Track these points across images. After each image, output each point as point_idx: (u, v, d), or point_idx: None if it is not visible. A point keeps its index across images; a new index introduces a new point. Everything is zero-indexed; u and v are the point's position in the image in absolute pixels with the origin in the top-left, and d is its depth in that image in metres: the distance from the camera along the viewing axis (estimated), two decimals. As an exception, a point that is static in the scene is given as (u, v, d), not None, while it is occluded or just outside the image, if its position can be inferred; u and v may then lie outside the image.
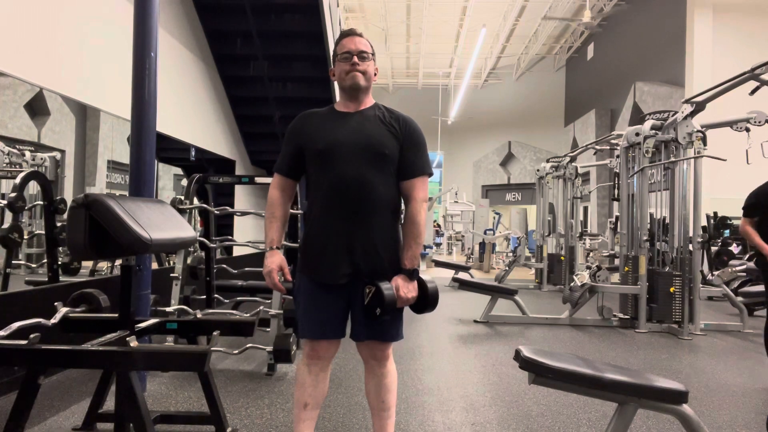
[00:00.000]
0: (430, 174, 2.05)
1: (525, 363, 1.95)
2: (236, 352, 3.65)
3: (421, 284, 1.94)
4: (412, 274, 1.94)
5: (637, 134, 5.98)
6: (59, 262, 4.14)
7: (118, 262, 4.74)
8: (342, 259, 1.93)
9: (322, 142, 1.97)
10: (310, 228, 2.01)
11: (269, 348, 3.61)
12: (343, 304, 1.98)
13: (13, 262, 4.60)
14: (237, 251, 8.10)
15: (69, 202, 2.17)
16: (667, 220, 6.04)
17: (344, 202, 1.93)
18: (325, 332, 1.98)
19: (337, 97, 2.14)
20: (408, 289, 1.90)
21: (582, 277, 6.01)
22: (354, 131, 1.97)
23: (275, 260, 1.98)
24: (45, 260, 4.18)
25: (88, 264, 5.65)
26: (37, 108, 6.75)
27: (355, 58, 1.99)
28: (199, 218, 5.73)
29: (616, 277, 6.94)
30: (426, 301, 1.94)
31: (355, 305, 1.97)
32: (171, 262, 6.14)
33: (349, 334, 2.03)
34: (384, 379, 2.05)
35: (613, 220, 10.03)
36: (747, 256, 9.04)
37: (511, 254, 12.56)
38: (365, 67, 2.00)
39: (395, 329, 2.01)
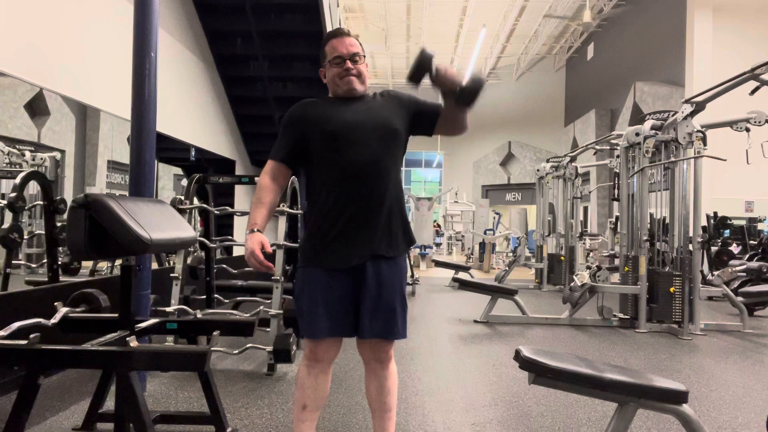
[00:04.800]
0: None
1: (525, 363, 1.95)
2: (236, 352, 3.65)
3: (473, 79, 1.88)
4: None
5: (637, 134, 5.98)
6: (59, 262, 4.14)
7: (118, 262, 4.74)
8: (357, 242, 1.91)
9: (333, 123, 1.93)
10: (319, 216, 1.94)
11: (269, 348, 3.61)
12: (351, 297, 1.93)
13: (13, 262, 4.60)
14: (237, 251, 8.10)
15: (69, 202, 2.17)
16: (667, 220, 6.04)
17: (359, 185, 1.89)
18: (328, 329, 1.92)
19: None
20: (450, 68, 1.87)
21: (582, 277, 6.01)
22: (363, 111, 1.96)
23: (255, 239, 1.87)
24: (45, 260, 4.18)
25: (88, 264, 5.65)
26: (37, 108, 6.76)
27: (348, 63, 1.95)
28: (199, 218, 5.72)
29: (616, 277, 6.94)
30: (471, 88, 1.86)
31: (363, 297, 1.92)
32: (171, 262, 6.14)
33: (357, 333, 1.98)
34: (386, 381, 2.03)
35: (613, 220, 10.03)
36: (747, 256, 9.04)
37: (511, 254, 12.57)
38: (359, 69, 1.98)
39: (400, 324, 1.96)
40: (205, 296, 4.55)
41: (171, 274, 3.98)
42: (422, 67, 1.82)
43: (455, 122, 2.02)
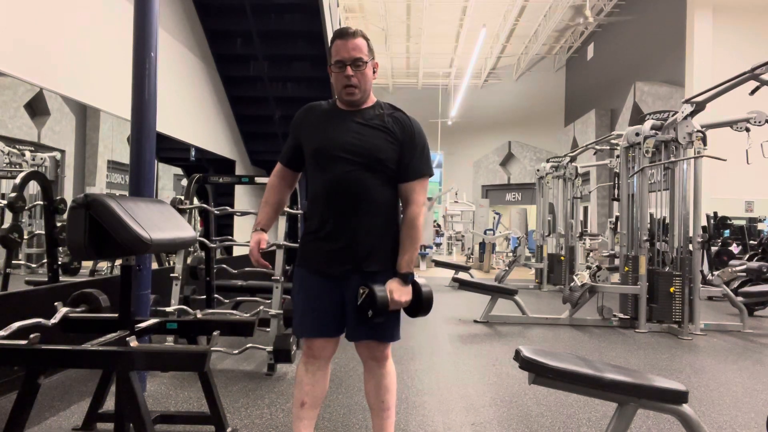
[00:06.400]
0: (430, 175, 2.00)
1: (525, 363, 1.95)
2: (236, 352, 3.66)
3: (416, 288, 1.93)
4: (407, 278, 1.91)
5: (637, 134, 5.98)
6: (59, 262, 4.14)
7: (118, 262, 4.74)
8: (340, 255, 1.93)
9: (317, 142, 1.96)
10: (309, 224, 2.00)
11: (269, 348, 3.61)
12: (339, 300, 1.97)
13: (13, 262, 4.60)
14: (237, 251, 8.10)
15: (69, 202, 2.17)
16: (667, 220, 6.04)
17: (340, 201, 1.92)
18: (320, 330, 1.97)
19: None
20: (401, 293, 1.88)
21: (582, 277, 6.01)
22: (350, 133, 1.93)
23: (255, 238, 2.03)
24: (45, 260, 4.18)
25: (88, 264, 5.65)
26: (37, 108, 6.75)
27: (349, 69, 1.90)
28: (199, 218, 5.73)
29: (616, 277, 6.94)
30: (419, 305, 1.93)
31: (351, 304, 1.95)
32: (171, 262, 6.14)
33: (345, 335, 2.02)
34: (383, 380, 2.05)
35: (613, 220, 10.03)
36: (747, 256, 9.04)
37: (511, 254, 12.56)
38: (361, 77, 1.92)
39: (392, 330, 2.00)
40: (205, 296, 4.55)
41: (171, 274, 3.98)
42: (381, 312, 1.84)
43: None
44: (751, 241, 10.12)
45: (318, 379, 2.02)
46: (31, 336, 1.97)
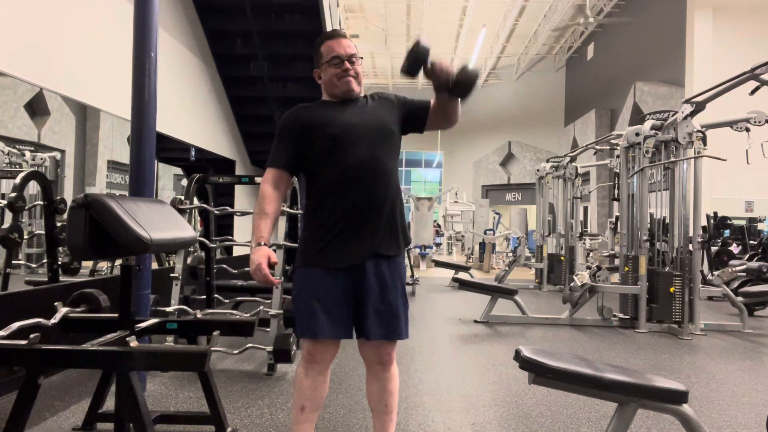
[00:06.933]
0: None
1: (525, 363, 1.95)
2: (236, 352, 3.65)
3: (464, 67, 1.86)
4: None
5: (637, 134, 5.98)
6: (59, 262, 4.14)
7: (118, 262, 4.74)
8: (359, 241, 1.92)
9: (333, 126, 1.95)
10: (321, 215, 1.94)
11: (269, 348, 3.61)
12: (350, 298, 1.94)
13: (13, 262, 4.60)
14: (237, 251, 8.10)
15: (69, 202, 2.17)
16: (667, 220, 6.04)
17: (361, 183, 1.92)
18: (328, 329, 1.91)
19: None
20: (445, 60, 1.85)
21: (582, 277, 6.01)
22: (359, 114, 2.00)
23: (262, 253, 1.88)
24: (45, 260, 4.18)
25: (88, 264, 5.64)
26: (37, 108, 6.75)
27: (347, 64, 1.98)
28: (199, 218, 5.72)
29: (616, 277, 6.94)
30: (466, 77, 1.83)
31: (365, 298, 1.92)
32: (171, 262, 6.14)
33: (357, 336, 2.00)
34: (388, 384, 2.03)
35: (613, 220, 10.03)
36: (747, 256, 9.04)
37: (511, 254, 12.56)
38: (357, 70, 2.02)
39: (403, 324, 1.98)
40: (205, 296, 4.55)
41: (171, 274, 3.98)
42: (418, 60, 1.81)
43: (446, 115, 2.03)
44: (751, 241, 10.12)
45: (318, 384, 1.99)
46: (31, 336, 1.97)
